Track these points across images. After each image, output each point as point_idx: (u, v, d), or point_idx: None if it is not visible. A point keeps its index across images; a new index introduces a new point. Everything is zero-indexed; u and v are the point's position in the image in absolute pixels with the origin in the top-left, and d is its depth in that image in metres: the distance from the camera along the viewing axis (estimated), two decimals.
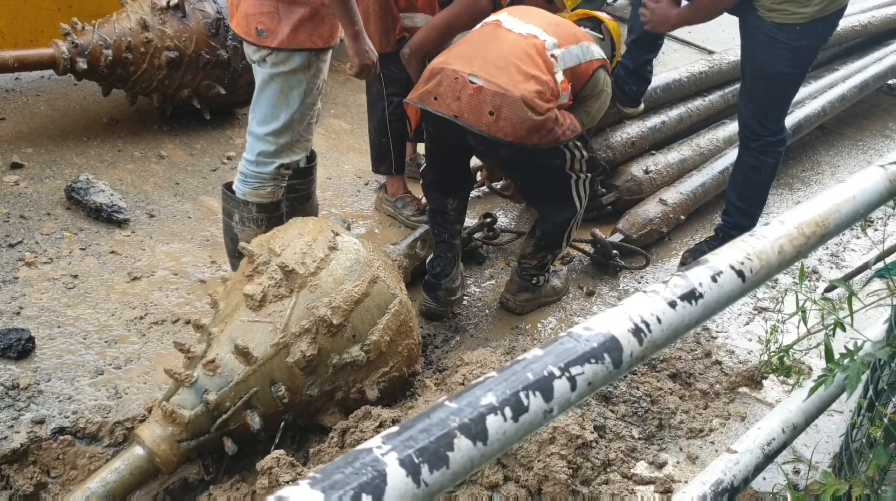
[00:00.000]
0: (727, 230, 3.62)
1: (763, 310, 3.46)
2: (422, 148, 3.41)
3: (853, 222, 1.51)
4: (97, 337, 2.71)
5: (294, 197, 2.98)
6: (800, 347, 2.94)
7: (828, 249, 4.10)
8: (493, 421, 0.87)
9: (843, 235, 4.22)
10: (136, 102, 3.97)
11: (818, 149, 5.34)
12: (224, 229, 2.91)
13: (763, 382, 2.87)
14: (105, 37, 3.62)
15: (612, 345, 1.01)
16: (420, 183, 3.25)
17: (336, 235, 2.45)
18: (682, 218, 3.94)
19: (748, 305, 3.49)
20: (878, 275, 2.46)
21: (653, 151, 4.20)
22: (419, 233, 3.31)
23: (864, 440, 1.88)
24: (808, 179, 4.94)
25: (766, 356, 2.92)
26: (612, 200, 3.95)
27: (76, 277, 2.95)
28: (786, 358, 2.90)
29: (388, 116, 3.56)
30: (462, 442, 0.83)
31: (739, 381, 2.86)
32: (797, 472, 2.46)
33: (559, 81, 2.74)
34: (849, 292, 1.93)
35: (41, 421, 2.34)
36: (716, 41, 6.15)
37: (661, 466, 2.43)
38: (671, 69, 4.57)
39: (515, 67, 2.68)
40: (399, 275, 2.72)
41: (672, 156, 4.18)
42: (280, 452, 2.11)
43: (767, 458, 2.05)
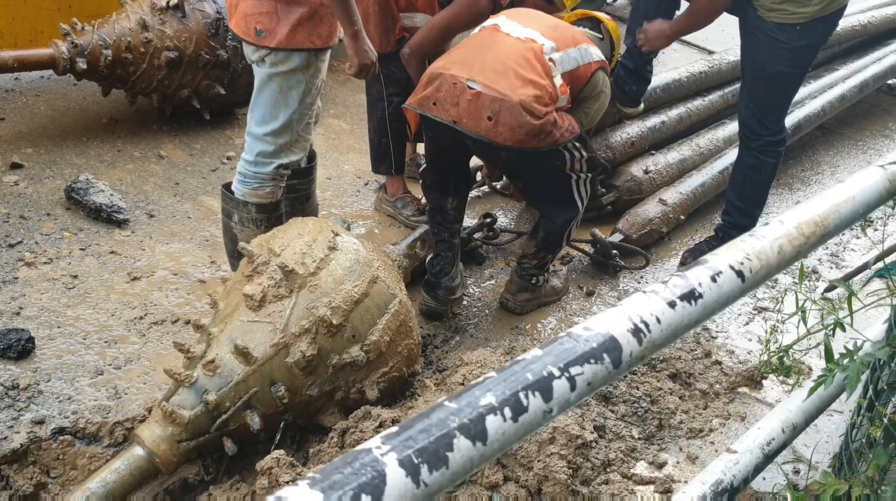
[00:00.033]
0: (727, 230, 3.62)
1: (763, 310, 3.46)
2: (421, 148, 3.41)
3: (853, 222, 1.51)
4: (97, 337, 2.71)
5: (294, 197, 2.98)
6: (799, 347, 2.94)
7: (828, 249, 4.10)
8: (493, 421, 0.87)
9: (843, 235, 4.22)
10: (136, 103, 3.97)
11: (818, 149, 5.35)
12: (223, 229, 2.91)
13: (763, 382, 2.87)
14: (105, 37, 3.62)
15: (612, 345, 1.01)
16: (420, 183, 3.25)
17: (336, 235, 2.45)
18: (682, 218, 3.94)
19: (748, 305, 3.49)
20: (878, 275, 2.46)
21: (652, 151, 4.20)
22: (419, 233, 3.31)
23: (864, 440, 1.88)
24: (808, 179, 4.94)
25: (766, 356, 2.92)
26: (612, 200, 3.95)
27: (76, 277, 2.95)
28: (785, 358, 2.90)
29: (388, 116, 3.56)
30: (461, 442, 0.83)
31: (739, 381, 2.86)
32: (797, 472, 2.46)
33: (557, 85, 2.75)
34: (848, 292, 1.93)
35: (41, 421, 2.34)
36: (715, 41, 6.15)
37: (661, 466, 2.43)
38: (671, 69, 4.57)
39: (513, 71, 2.69)
40: (399, 275, 2.72)
41: (672, 156, 4.18)
42: (280, 452, 2.11)
43: (767, 458, 2.05)
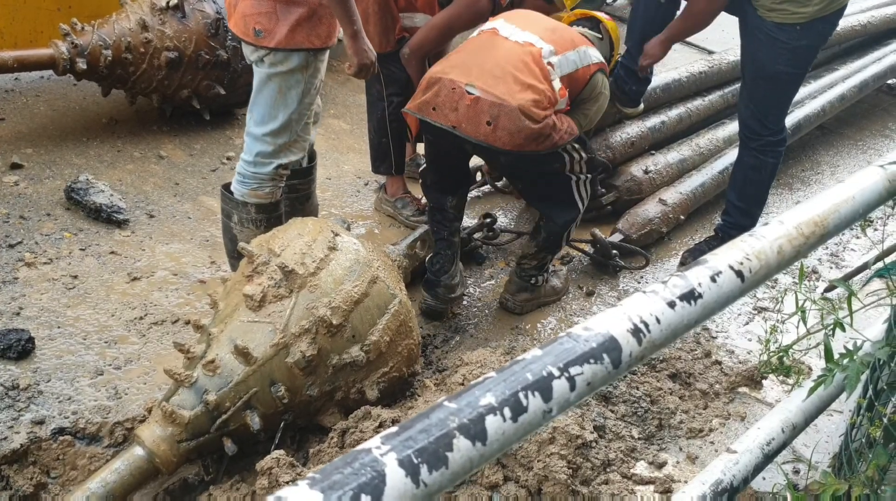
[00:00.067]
0: (727, 230, 3.62)
1: (763, 310, 3.46)
2: (421, 148, 3.41)
3: (852, 222, 1.51)
4: (97, 338, 2.71)
5: (294, 197, 2.99)
6: (799, 347, 2.94)
7: (827, 248, 4.10)
8: (493, 422, 0.86)
9: (843, 234, 4.22)
10: (136, 103, 3.97)
11: (818, 149, 5.35)
12: (223, 229, 2.91)
13: (763, 382, 2.87)
14: (104, 37, 3.62)
15: (611, 345, 1.01)
16: (419, 183, 3.25)
17: (336, 235, 2.45)
18: (682, 218, 3.94)
19: (748, 305, 3.49)
20: (878, 275, 2.46)
21: (652, 151, 4.20)
22: (419, 233, 3.31)
23: (864, 439, 1.88)
24: (808, 178, 4.94)
25: (766, 356, 2.92)
26: (612, 200, 3.95)
27: (76, 277, 2.95)
28: (785, 358, 2.90)
29: (388, 116, 3.56)
30: (461, 443, 0.83)
31: (739, 381, 2.86)
32: (797, 472, 2.46)
33: (556, 88, 2.76)
34: (848, 292, 1.93)
35: (41, 422, 2.34)
36: (715, 41, 6.15)
37: (661, 466, 2.43)
38: (671, 69, 4.57)
39: (512, 76, 2.70)
40: (399, 275, 2.72)
41: (672, 156, 4.18)
42: (280, 452, 2.11)
43: (767, 458, 2.05)
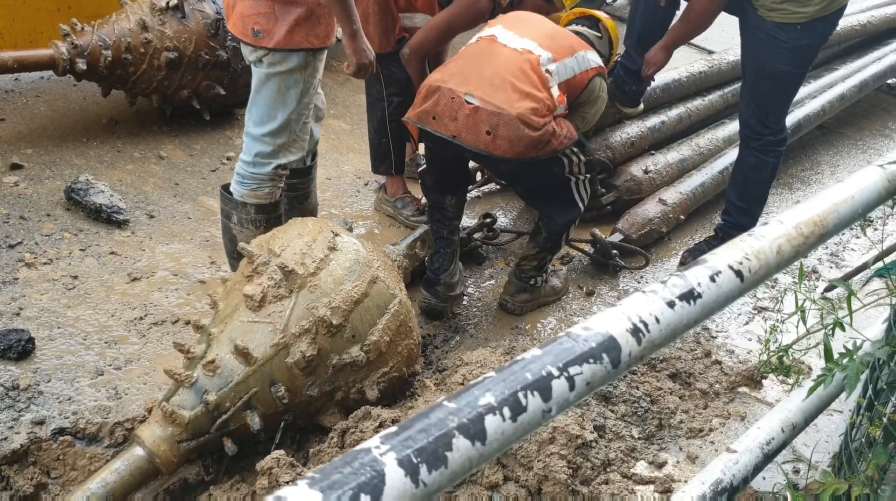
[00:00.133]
0: (727, 230, 3.62)
1: (763, 310, 3.46)
2: (421, 148, 3.42)
3: (852, 221, 1.51)
4: (97, 338, 2.71)
5: (293, 196, 2.98)
6: (799, 346, 2.94)
7: (827, 248, 4.10)
8: (492, 421, 0.86)
9: (843, 234, 4.22)
10: (136, 103, 3.97)
11: (818, 148, 5.35)
12: (223, 230, 2.91)
13: (763, 381, 2.87)
14: (104, 37, 3.62)
15: (611, 345, 1.01)
16: (419, 183, 3.26)
17: (335, 235, 2.45)
18: (682, 218, 3.94)
19: (748, 304, 3.49)
20: (878, 275, 2.46)
21: (652, 151, 4.20)
22: (419, 233, 3.31)
23: (864, 439, 1.88)
24: (808, 178, 4.94)
25: (766, 356, 2.92)
26: (612, 200, 3.95)
27: (76, 277, 2.95)
28: (785, 358, 2.90)
29: (388, 116, 3.56)
30: (461, 442, 0.83)
31: (739, 381, 2.85)
32: (797, 471, 2.46)
33: (555, 95, 2.77)
34: (848, 292, 1.93)
35: (41, 422, 2.34)
36: (715, 41, 6.15)
37: (661, 466, 2.43)
38: (671, 69, 4.55)
39: (511, 85, 2.70)
40: (399, 275, 2.72)
41: (671, 156, 4.18)
42: (280, 452, 2.11)
43: (767, 458, 2.05)
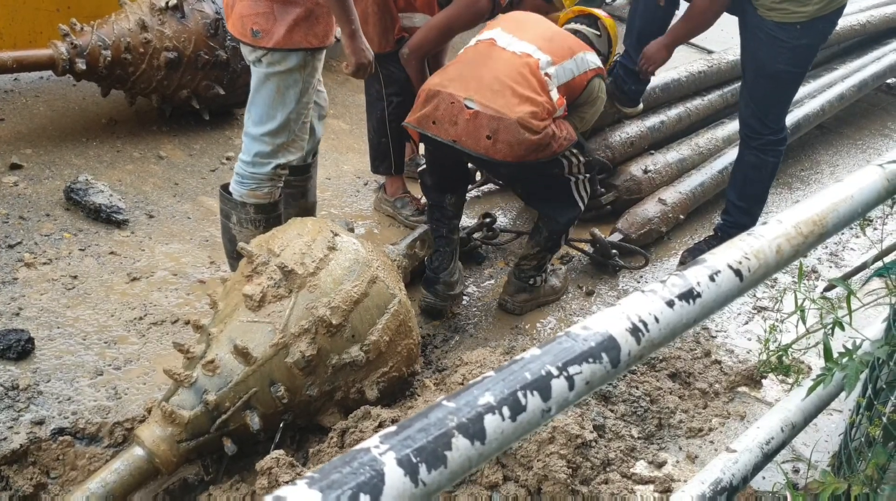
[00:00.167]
0: (727, 230, 3.62)
1: (762, 309, 3.46)
2: (421, 148, 3.42)
3: (851, 221, 1.51)
4: (96, 338, 2.71)
5: (288, 192, 2.97)
6: (799, 346, 2.94)
7: (827, 248, 4.10)
8: (491, 421, 0.86)
9: (843, 234, 4.22)
10: (135, 103, 3.97)
11: (817, 148, 5.35)
12: (222, 230, 2.91)
13: (762, 381, 2.87)
14: (104, 37, 3.62)
15: (610, 344, 1.01)
16: (419, 183, 3.26)
17: (335, 235, 2.45)
18: (682, 217, 3.94)
19: (747, 304, 3.49)
20: (877, 274, 2.46)
21: (652, 151, 4.20)
22: (418, 233, 3.31)
23: (863, 438, 1.88)
24: (807, 178, 4.94)
25: (766, 356, 2.92)
26: (612, 199, 3.95)
27: (75, 277, 2.95)
28: (785, 357, 2.90)
29: (388, 116, 3.56)
30: (460, 442, 0.83)
31: (739, 380, 2.85)
32: (796, 471, 2.46)
33: (554, 99, 2.78)
34: (847, 292, 1.93)
35: (41, 422, 2.34)
36: (714, 41, 6.15)
37: (661, 465, 2.43)
38: (670, 69, 4.56)
39: (510, 89, 2.71)
40: (398, 275, 2.72)
41: (671, 155, 4.18)
42: (280, 452, 2.11)
43: (766, 457, 2.05)
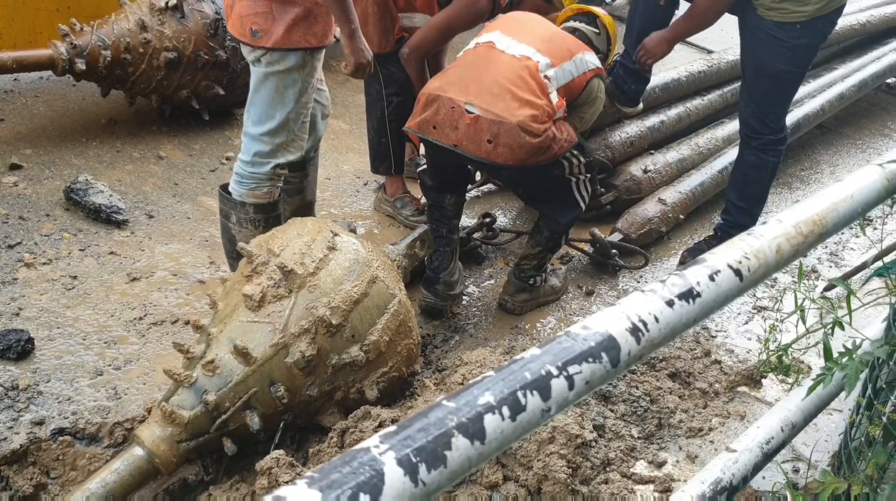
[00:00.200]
0: (727, 229, 3.62)
1: (762, 309, 3.46)
2: (421, 148, 3.42)
3: (851, 220, 1.51)
4: (96, 338, 2.71)
5: (285, 189, 2.97)
6: (799, 346, 2.94)
7: (827, 247, 4.10)
8: (491, 421, 0.86)
9: (843, 233, 4.22)
10: (135, 103, 3.97)
11: (817, 148, 5.35)
12: (222, 230, 2.91)
13: (762, 381, 2.87)
14: (103, 38, 3.62)
15: (610, 344, 1.01)
16: (419, 183, 3.26)
17: (335, 235, 2.45)
18: (681, 217, 3.94)
19: (747, 304, 3.49)
20: (877, 274, 2.46)
21: (652, 151, 4.20)
22: (418, 233, 3.31)
23: (863, 438, 1.88)
24: (807, 178, 4.94)
25: (766, 355, 2.92)
26: (611, 199, 3.95)
27: (75, 278, 2.95)
28: (785, 357, 2.90)
29: (388, 116, 3.56)
30: (460, 442, 0.83)
31: (739, 380, 2.85)
32: (796, 471, 2.46)
33: (554, 101, 2.78)
34: (847, 291, 1.93)
35: (41, 422, 2.34)
36: (714, 41, 6.15)
37: (661, 465, 2.43)
38: (670, 69, 4.57)
39: (510, 93, 2.71)
40: (398, 275, 2.72)
41: (671, 155, 4.18)
42: (279, 452, 2.11)
43: (766, 457, 2.05)
